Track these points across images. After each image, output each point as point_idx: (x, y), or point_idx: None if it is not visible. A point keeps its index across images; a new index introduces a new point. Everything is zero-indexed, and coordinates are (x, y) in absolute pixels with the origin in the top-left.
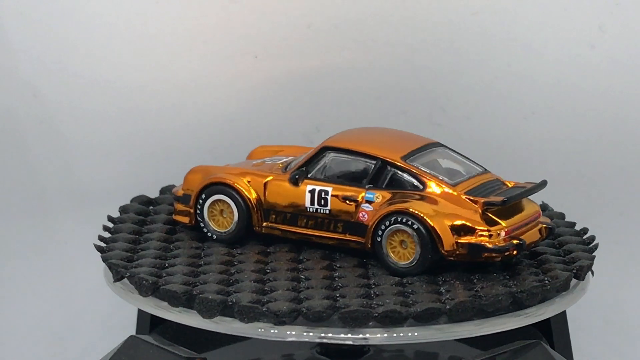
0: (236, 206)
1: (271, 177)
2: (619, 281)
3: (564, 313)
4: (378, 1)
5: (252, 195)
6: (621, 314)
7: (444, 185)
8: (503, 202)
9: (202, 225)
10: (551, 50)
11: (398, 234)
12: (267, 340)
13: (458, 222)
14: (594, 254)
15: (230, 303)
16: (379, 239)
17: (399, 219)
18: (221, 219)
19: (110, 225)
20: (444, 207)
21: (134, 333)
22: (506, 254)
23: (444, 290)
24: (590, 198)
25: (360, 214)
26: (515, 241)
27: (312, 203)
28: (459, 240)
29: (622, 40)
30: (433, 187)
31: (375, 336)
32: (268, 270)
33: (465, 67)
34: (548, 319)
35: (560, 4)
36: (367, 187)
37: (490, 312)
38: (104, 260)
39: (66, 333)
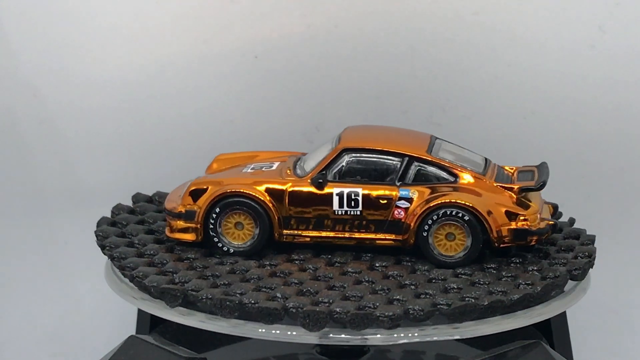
0: (257, 217)
1: (290, 184)
2: (619, 281)
3: (564, 313)
4: (378, 1)
5: (272, 204)
6: (621, 313)
7: (475, 175)
8: (540, 186)
9: (215, 240)
10: (551, 50)
11: (445, 227)
12: (267, 341)
13: (503, 210)
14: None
15: (338, 313)
16: (424, 233)
17: (448, 212)
18: (237, 231)
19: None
20: (486, 196)
21: (134, 333)
22: (545, 235)
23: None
24: (590, 198)
25: (396, 212)
26: (550, 222)
27: (340, 206)
28: (506, 227)
29: (622, 40)
30: (466, 178)
31: (375, 336)
32: (322, 277)
33: (465, 67)
34: (548, 319)
35: (560, 4)
36: (398, 184)
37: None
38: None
39: (66, 333)
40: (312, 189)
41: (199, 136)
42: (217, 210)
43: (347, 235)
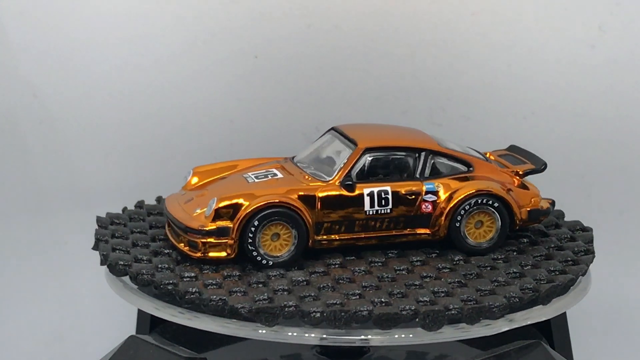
0: (295, 225)
1: (320, 189)
2: (619, 281)
3: (563, 313)
4: (378, 1)
5: (307, 211)
6: (621, 313)
7: (486, 164)
8: (544, 168)
9: (254, 254)
10: (551, 50)
11: (474, 216)
12: (267, 341)
13: (519, 194)
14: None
15: (454, 309)
16: (457, 224)
17: (480, 201)
18: (272, 242)
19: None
20: (502, 182)
21: (134, 333)
22: (549, 215)
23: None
24: (590, 198)
25: (423, 206)
26: (549, 201)
27: (372, 205)
28: (524, 209)
29: (622, 40)
30: (480, 167)
31: (376, 337)
32: (387, 277)
33: (465, 67)
34: (548, 319)
35: (560, 4)
36: (422, 178)
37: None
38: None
39: (66, 333)
40: (343, 192)
41: (199, 136)
42: (256, 223)
43: (377, 234)
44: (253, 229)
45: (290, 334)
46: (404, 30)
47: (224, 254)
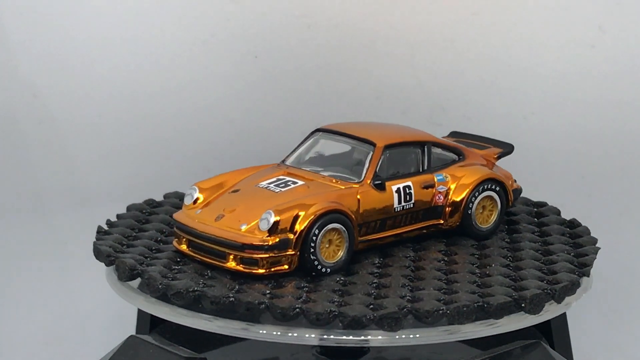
0: (347, 230)
1: (358, 191)
2: (619, 281)
3: (563, 313)
4: (378, 1)
5: (353, 215)
6: (621, 313)
7: (473, 151)
8: (512, 150)
9: (315, 263)
10: (551, 50)
11: (481, 201)
12: (267, 341)
13: (505, 176)
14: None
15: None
16: (469, 211)
17: (485, 187)
18: (327, 249)
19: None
20: (491, 166)
21: (134, 333)
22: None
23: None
24: (590, 198)
25: (437, 197)
26: (514, 180)
27: (399, 202)
28: (511, 190)
29: (622, 40)
30: (468, 155)
31: (376, 338)
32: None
33: (465, 67)
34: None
35: (560, 4)
36: (430, 170)
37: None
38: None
39: (66, 333)
40: (376, 192)
41: (199, 136)
42: (317, 231)
43: (402, 230)
44: (315, 237)
45: (290, 334)
46: (404, 30)
47: (285, 267)
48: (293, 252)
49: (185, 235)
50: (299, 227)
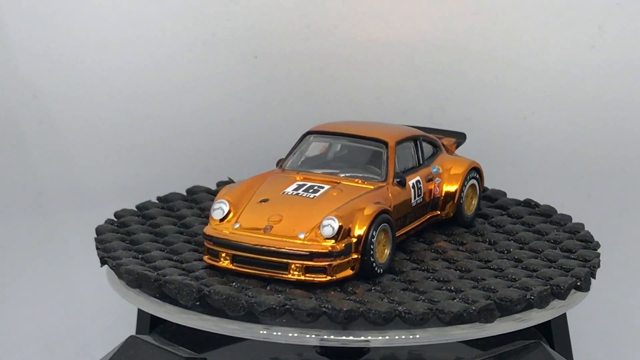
0: (391, 230)
1: (389, 191)
2: (619, 281)
3: (564, 313)
4: (378, 1)
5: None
6: (621, 314)
7: (443, 142)
8: (464, 139)
9: (374, 265)
10: (551, 50)
11: (467, 190)
12: (267, 341)
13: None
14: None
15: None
16: (461, 200)
17: (471, 176)
18: (378, 250)
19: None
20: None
21: (134, 333)
22: None
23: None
24: (590, 198)
25: (434, 189)
26: None
27: (415, 197)
28: None
29: (622, 40)
30: (443, 148)
31: (376, 338)
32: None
33: (465, 67)
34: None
35: (560, 4)
36: (426, 164)
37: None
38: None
39: (66, 333)
40: (400, 189)
41: (199, 136)
42: (374, 233)
43: (415, 224)
44: (372, 239)
45: (290, 334)
46: (404, 30)
47: (350, 271)
48: (356, 256)
49: (228, 250)
50: (359, 231)
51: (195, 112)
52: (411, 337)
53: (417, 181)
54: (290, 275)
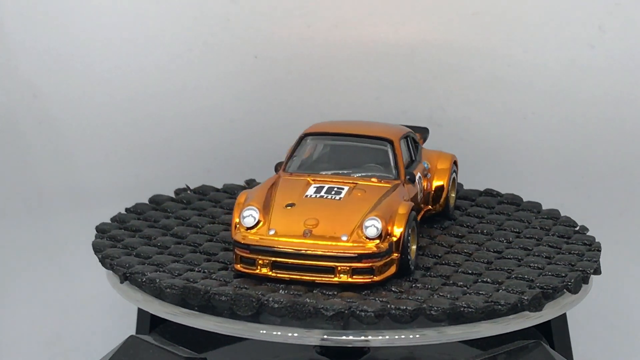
0: (417, 228)
1: (407, 189)
2: (619, 281)
3: (564, 313)
4: (377, 1)
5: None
6: (621, 314)
7: (418, 137)
8: (428, 134)
9: (410, 264)
10: (551, 50)
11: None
12: (267, 341)
13: None
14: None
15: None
16: (449, 194)
17: (453, 169)
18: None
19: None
20: None
21: (134, 333)
22: None
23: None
24: (590, 198)
25: (427, 184)
26: None
27: (419, 192)
28: None
29: (622, 40)
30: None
31: (376, 338)
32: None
33: (465, 67)
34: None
35: (560, 4)
36: (417, 159)
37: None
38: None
39: (66, 333)
40: (411, 186)
41: (199, 136)
42: (409, 231)
43: (419, 218)
44: (408, 237)
45: (290, 334)
46: (404, 30)
47: (392, 270)
48: (396, 255)
49: (267, 257)
50: (397, 230)
51: (195, 112)
52: (411, 337)
53: (419, 177)
54: (336, 278)
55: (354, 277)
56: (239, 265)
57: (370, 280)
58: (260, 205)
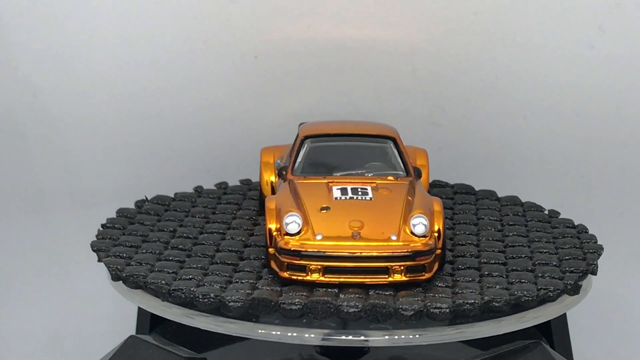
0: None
1: (417, 185)
2: (619, 281)
3: (563, 313)
4: (377, 1)
5: None
6: (621, 313)
7: None
8: None
9: (445, 258)
10: (551, 50)
11: None
12: (267, 341)
13: None
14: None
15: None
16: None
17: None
18: None
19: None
20: None
21: (134, 333)
22: None
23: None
24: (590, 198)
25: None
26: None
27: None
28: None
29: (622, 40)
30: None
31: (376, 338)
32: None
33: (465, 67)
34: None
35: (560, 4)
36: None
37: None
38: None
39: (66, 333)
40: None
41: (199, 136)
42: (441, 227)
43: None
44: (442, 234)
45: (290, 334)
46: (405, 31)
47: (436, 265)
48: (439, 251)
49: (320, 263)
50: (437, 226)
51: (195, 112)
52: (411, 337)
53: None
54: (390, 278)
55: (408, 275)
56: (285, 273)
57: (422, 277)
58: (298, 210)
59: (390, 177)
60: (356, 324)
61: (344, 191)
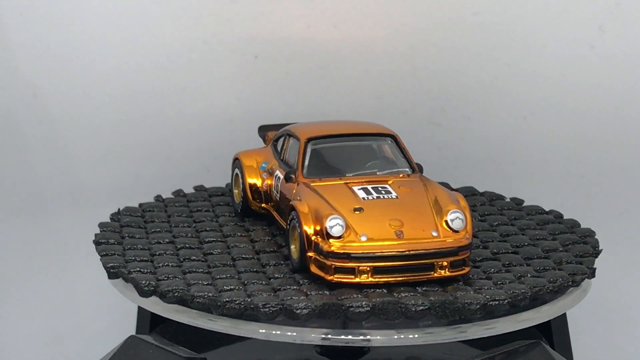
0: None
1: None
2: (619, 281)
3: (564, 313)
4: (377, 1)
5: None
6: (621, 313)
7: None
8: None
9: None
10: (551, 50)
11: None
12: (267, 341)
13: None
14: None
15: None
16: None
17: None
18: None
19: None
20: None
21: (134, 333)
22: None
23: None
24: (590, 198)
25: None
26: None
27: None
28: None
29: (622, 40)
30: None
31: (377, 338)
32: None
33: (465, 67)
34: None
35: (560, 4)
36: None
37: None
38: None
39: (66, 333)
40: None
41: (199, 136)
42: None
43: None
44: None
45: (290, 333)
46: (404, 30)
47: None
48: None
49: (369, 264)
50: (468, 221)
51: (195, 112)
52: (411, 336)
53: None
54: (436, 274)
55: (452, 270)
56: (333, 277)
57: (463, 271)
58: (338, 213)
59: (401, 175)
60: (356, 324)
61: (366, 191)
